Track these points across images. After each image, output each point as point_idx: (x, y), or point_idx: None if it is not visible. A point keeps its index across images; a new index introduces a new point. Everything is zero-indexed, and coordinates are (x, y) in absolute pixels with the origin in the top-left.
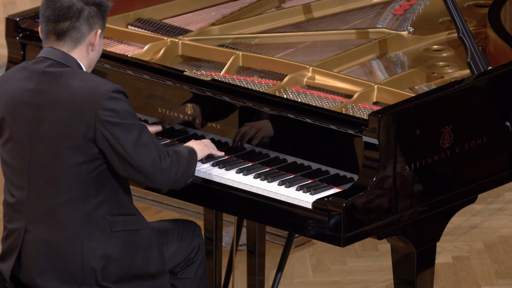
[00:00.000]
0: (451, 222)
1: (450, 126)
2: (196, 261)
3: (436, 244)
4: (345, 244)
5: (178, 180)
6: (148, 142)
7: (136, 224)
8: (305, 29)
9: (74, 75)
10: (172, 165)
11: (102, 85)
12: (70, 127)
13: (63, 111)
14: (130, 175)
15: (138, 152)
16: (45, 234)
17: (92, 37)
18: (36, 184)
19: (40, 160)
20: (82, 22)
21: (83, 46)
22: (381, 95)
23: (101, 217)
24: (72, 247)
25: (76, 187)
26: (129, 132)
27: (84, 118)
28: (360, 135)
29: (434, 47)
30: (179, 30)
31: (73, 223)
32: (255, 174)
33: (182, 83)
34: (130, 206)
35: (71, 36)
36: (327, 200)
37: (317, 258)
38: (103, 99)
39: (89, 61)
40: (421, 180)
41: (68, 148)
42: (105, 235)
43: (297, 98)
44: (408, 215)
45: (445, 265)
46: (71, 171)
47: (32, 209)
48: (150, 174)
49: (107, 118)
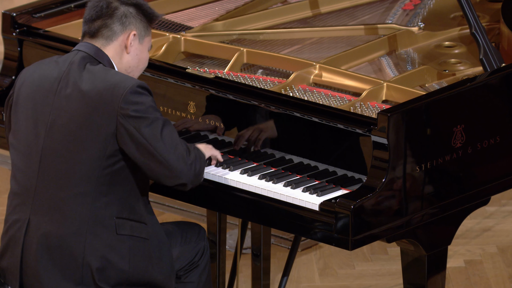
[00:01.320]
0: (463, 224)
1: (462, 125)
2: (200, 265)
3: (448, 247)
4: (353, 247)
5: (201, 175)
6: (174, 135)
7: (145, 233)
8: (312, 25)
9: (102, 70)
10: (196, 159)
11: (127, 80)
12: (91, 119)
13: (86, 103)
14: (155, 171)
15: (164, 146)
16: (48, 227)
17: (125, 38)
18: (46, 173)
19: (55, 149)
20: (115, 20)
21: (115, 45)
22: (391, 93)
23: (108, 217)
24: (75, 243)
25: (87, 182)
26: (153, 126)
27: (106, 111)
28: (369, 135)
29: (446, 43)
30: (181, 26)
31: (79, 219)
32: (260, 175)
33: (184, 81)
34: (142, 214)
35: (103, 33)
36: (335, 202)
37: (324, 262)
38: (127, 93)
39: (122, 64)
40: (432, 181)
41: (86, 140)
42: (110, 237)
43: (304, 96)
44: (418, 218)
45: (457, 269)
46: (85, 165)
47: (38, 199)
48: (176, 168)
49: (130, 112)
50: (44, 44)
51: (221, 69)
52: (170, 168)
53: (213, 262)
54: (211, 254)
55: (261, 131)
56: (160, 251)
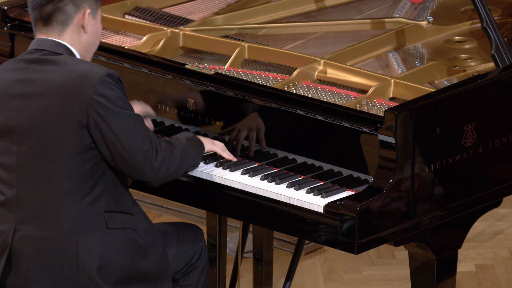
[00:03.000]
0: (474, 227)
1: (473, 123)
2: (198, 266)
3: (458, 251)
4: (359, 251)
5: (171, 176)
6: (143, 133)
7: (133, 224)
8: (316, 19)
9: (65, 61)
10: (164, 162)
11: (95, 69)
12: (63, 114)
13: (55, 98)
14: (120, 166)
15: (131, 142)
16: (36, 232)
17: (80, 18)
18: (26, 180)
19: (31, 153)
20: (66, 2)
21: (72, 28)
22: (398, 90)
23: (97, 213)
24: (66, 245)
25: (70, 180)
26: (123, 120)
27: (77, 103)
28: (376, 134)
29: (456, 38)
30: (180, 20)
31: (67, 219)
32: (262, 175)
33: (183, 77)
34: (128, 205)
35: (57, 19)
36: (340, 204)
37: (329, 266)
38: (96, 83)
39: (83, 45)
40: (442, 182)
41: (61, 137)
42: (101, 232)
43: (308, 93)
44: (427, 220)
45: (468, 274)
46: (64, 163)
47: (22, 208)
48: (140, 168)
49: (101, 103)
50: None
51: (222, 65)
52: (134, 166)
53: (213, 267)
54: (211, 258)
55: (263, 130)
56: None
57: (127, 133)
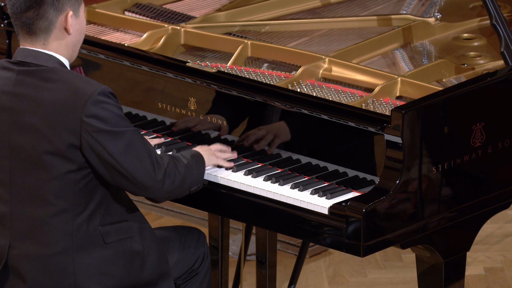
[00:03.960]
0: (483, 229)
1: (482, 123)
2: (200, 272)
3: (466, 254)
4: (365, 254)
5: (175, 190)
6: (141, 149)
7: (129, 231)
8: (321, 16)
9: (56, 75)
10: (167, 175)
11: (87, 87)
12: (54, 134)
13: (46, 117)
14: (122, 185)
15: (129, 161)
16: (32, 250)
17: (63, 21)
18: (19, 197)
19: (22, 170)
20: (47, 8)
21: (56, 34)
22: (405, 88)
23: (93, 229)
24: (63, 264)
25: (64, 198)
26: (118, 139)
27: (69, 125)
28: (382, 133)
29: (464, 35)
30: (181, 17)
31: (62, 238)
32: (265, 176)
33: (184, 75)
34: (121, 211)
35: (39, 26)
36: (345, 205)
37: (334, 269)
38: (88, 104)
39: (68, 47)
40: (450, 183)
41: (53, 156)
42: (99, 248)
43: (312, 92)
44: (435, 222)
45: (477, 277)
46: (58, 182)
47: (16, 224)
48: (143, 184)
49: (93, 125)
50: None
51: (224, 63)
52: (137, 184)
53: (215, 270)
54: (213, 261)
55: (266, 129)
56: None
57: (124, 152)
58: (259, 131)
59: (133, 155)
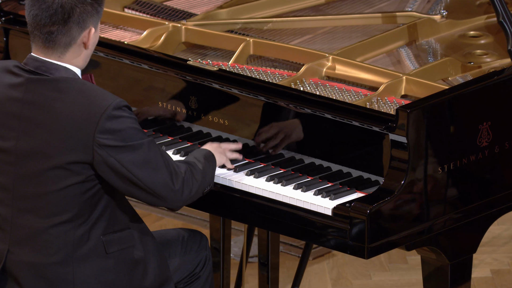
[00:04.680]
0: (490, 231)
1: (489, 122)
2: (202, 276)
3: (473, 256)
4: (370, 255)
5: (193, 197)
6: (158, 160)
7: (131, 240)
8: (325, 13)
9: (69, 86)
10: (185, 184)
11: (101, 101)
12: (64, 147)
13: (57, 129)
14: (140, 197)
15: (146, 173)
16: (31, 258)
17: (85, 37)
18: (21, 204)
19: (27, 179)
20: (72, 26)
21: (74, 49)
22: (411, 87)
23: (95, 238)
24: (62, 274)
25: (68, 210)
26: (134, 152)
27: (80, 139)
28: (387, 133)
29: (471, 33)
30: (182, 14)
31: (63, 247)
32: (267, 176)
33: (185, 74)
34: (124, 219)
35: (60, 41)
36: (349, 206)
37: (338, 272)
38: (102, 120)
39: (83, 59)
40: (456, 183)
41: (59, 169)
42: (100, 259)
43: (315, 90)
44: (440, 223)
45: (483, 279)
46: (63, 193)
47: (16, 229)
48: (161, 195)
49: (108, 142)
50: None
51: (225, 61)
52: (155, 195)
53: (217, 272)
54: (214, 263)
55: (269, 128)
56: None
57: (142, 164)
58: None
59: (150, 167)
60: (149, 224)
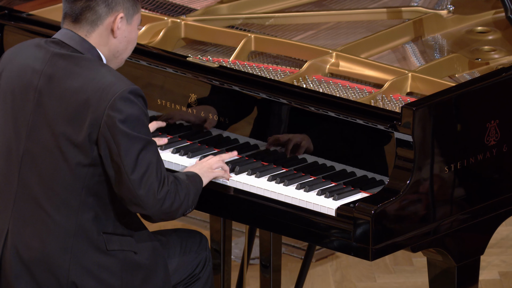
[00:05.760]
0: (498, 232)
1: (497, 120)
2: (201, 277)
3: (480, 257)
4: (374, 257)
5: (172, 213)
6: (151, 162)
7: (133, 245)
8: (328, 8)
9: (89, 66)
10: (168, 196)
11: (119, 83)
12: (76, 122)
13: (71, 103)
14: (121, 193)
15: (136, 169)
16: (29, 239)
17: (111, 21)
18: (27, 179)
19: (37, 153)
20: (99, 2)
21: (101, 30)
22: (416, 84)
23: (96, 232)
24: (59, 260)
25: (72, 192)
26: (133, 144)
27: (92, 115)
28: (392, 131)
29: (478, 28)
30: (181, 9)
31: (64, 233)
32: (269, 176)
33: (185, 71)
34: (128, 226)
35: (87, 18)
36: (353, 207)
37: (342, 274)
38: (116, 99)
39: (110, 50)
40: (463, 183)
41: (70, 144)
42: (99, 254)
43: (319, 88)
44: (447, 224)
45: (491, 282)
46: (70, 172)
47: (19, 207)
48: (142, 199)
49: (114, 121)
50: (28, 29)
51: (226, 58)
52: (135, 195)
53: (217, 274)
54: (215, 265)
55: (270, 127)
56: (152, 264)
57: (134, 158)
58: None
59: (143, 165)
60: (147, 226)
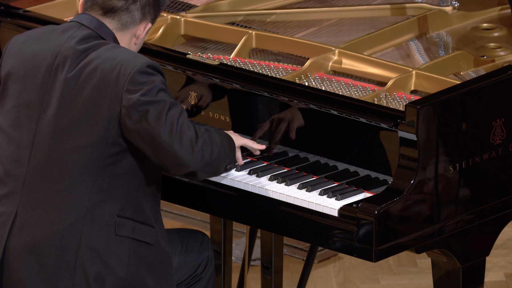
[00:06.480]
0: (503, 233)
1: (502, 119)
2: (203, 278)
3: (486, 259)
4: (378, 258)
5: (214, 163)
6: (180, 119)
7: (150, 238)
8: (331, 4)
9: (108, 45)
10: (205, 145)
11: (136, 58)
12: (93, 101)
13: (88, 83)
14: (160, 158)
15: (169, 131)
16: (38, 222)
17: (140, 29)
18: (39, 161)
19: (50, 134)
20: (138, 7)
21: (128, 34)
22: (421, 82)
23: (108, 214)
24: (68, 241)
25: (86, 172)
26: (158, 109)
27: (111, 92)
28: (396, 130)
29: (484, 25)
30: (181, 5)
31: (74, 214)
32: (271, 175)
33: (184, 68)
34: (149, 215)
35: (121, 17)
36: (356, 207)
37: (344, 275)
38: (134, 73)
39: None
40: (468, 183)
41: (86, 124)
42: (108, 237)
43: (321, 86)
44: (452, 225)
45: (496, 283)
46: (84, 153)
47: (28, 190)
48: (181, 155)
49: (136, 94)
50: (25, 26)
51: (227, 55)
52: (175, 155)
53: (218, 275)
54: (215, 266)
55: (272, 125)
56: (163, 262)
57: (163, 120)
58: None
59: (173, 124)
60: None
